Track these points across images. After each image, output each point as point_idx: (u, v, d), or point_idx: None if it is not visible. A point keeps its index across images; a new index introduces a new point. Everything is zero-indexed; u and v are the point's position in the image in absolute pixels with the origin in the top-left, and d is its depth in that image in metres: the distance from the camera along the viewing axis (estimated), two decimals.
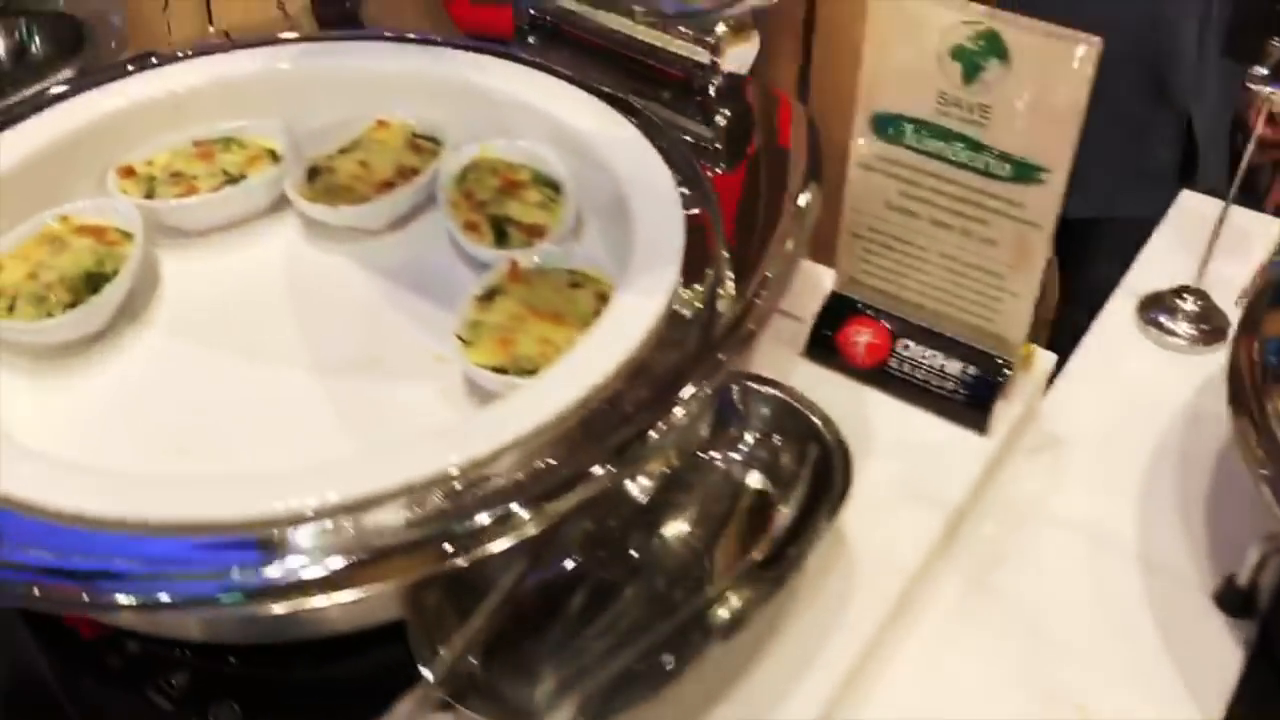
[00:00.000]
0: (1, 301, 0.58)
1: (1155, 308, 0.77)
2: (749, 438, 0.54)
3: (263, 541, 0.44)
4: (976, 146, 0.57)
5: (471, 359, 0.55)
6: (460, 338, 0.56)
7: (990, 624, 0.60)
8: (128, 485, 0.47)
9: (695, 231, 0.57)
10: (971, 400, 0.62)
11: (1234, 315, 0.77)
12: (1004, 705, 0.56)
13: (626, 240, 0.59)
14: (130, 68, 0.69)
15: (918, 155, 0.59)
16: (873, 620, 0.55)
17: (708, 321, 0.53)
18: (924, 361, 0.63)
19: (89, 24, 0.81)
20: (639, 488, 0.52)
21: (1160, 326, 0.76)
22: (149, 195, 0.65)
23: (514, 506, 0.44)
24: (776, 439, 0.54)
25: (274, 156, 0.68)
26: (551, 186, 0.65)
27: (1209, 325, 0.76)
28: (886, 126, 0.59)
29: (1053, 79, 0.54)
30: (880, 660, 0.56)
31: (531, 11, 0.73)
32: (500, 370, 0.54)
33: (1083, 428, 0.70)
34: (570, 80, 0.68)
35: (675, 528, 0.52)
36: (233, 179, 0.66)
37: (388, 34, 0.72)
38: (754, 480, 0.54)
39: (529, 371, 0.54)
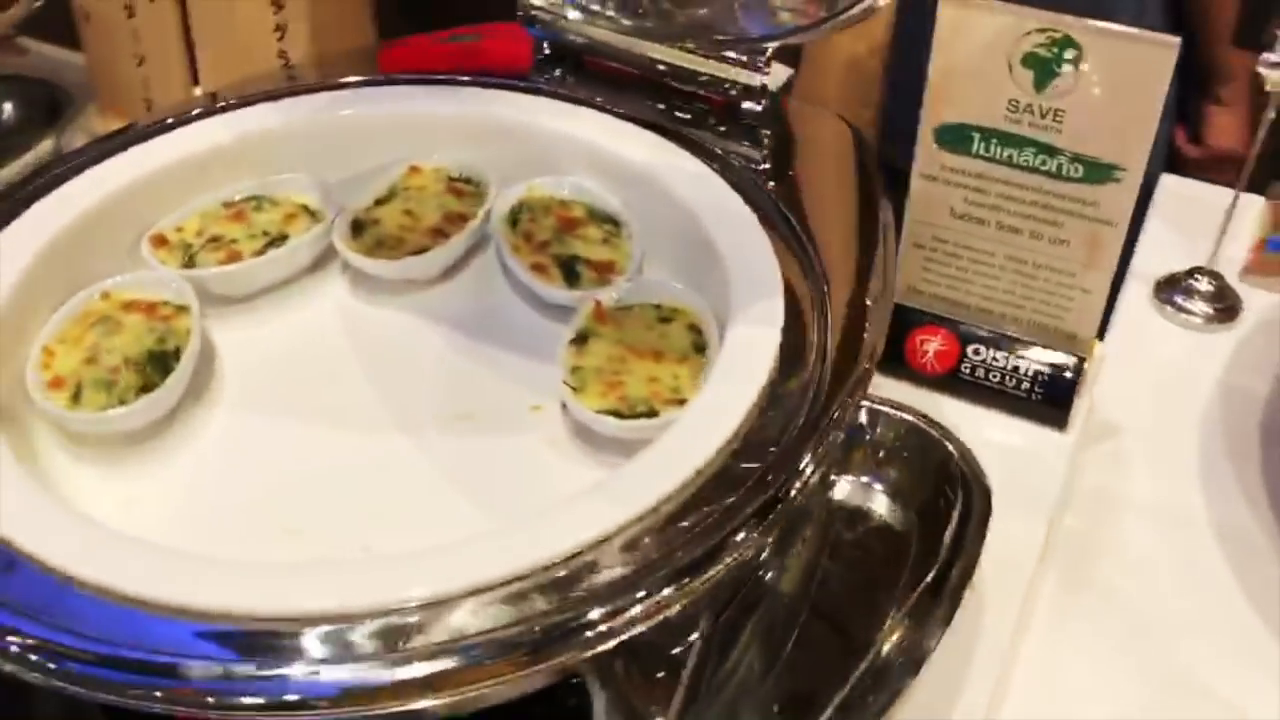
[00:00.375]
0: (63, 391, 0.54)
1: (1171, 289, 0.80)
2: (874, 460, 0.54)
3: (415, 626, 0.42)
4: (1049, 150, 0.58)
5: (586, 405, 0.53)
6: (569, 385, 0.54)
7: (1095, 617, 0.61)
8: (262, 575, 0.45)
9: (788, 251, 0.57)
10: (1050, 398, 0.63)
11: (1243, 292, 0.81)
12: (1131, 697, 0.57)
13: (707, 269, 0.58)
14: (144, 131, 0.65)
15: (985, 163, 0.60)
16: (1006, 629, 0.55)
17: (823, 348, 0.52)
18: (996, 364, 0.64)
19: (62, 89, 0.77)
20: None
21: (1177, 307, 0.79)
22: (189, 264, 0.62)
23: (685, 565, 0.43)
24: (902, 460, 0.54)
25: (309, 212, 0.65)
26: (610, 222, 0.64)
27: (1223, 304, 0.79)
28: (953, 137, 0.60)
29: (1129, 80, 0.55)
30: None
31: (549, 43, 0.71)
32: (615, 414, 0.53)
33: (1130, 412, 0.72)
34: (608, 111, 0.67)
35: (820, 561, 0.51)
36: (274, 239, 0.63)
37: (410, 77, 0.70)
38: (882, 505, 0.54)
39: (647, 414, 0.53)
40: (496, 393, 0.58)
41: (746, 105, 0.66)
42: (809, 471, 0.46)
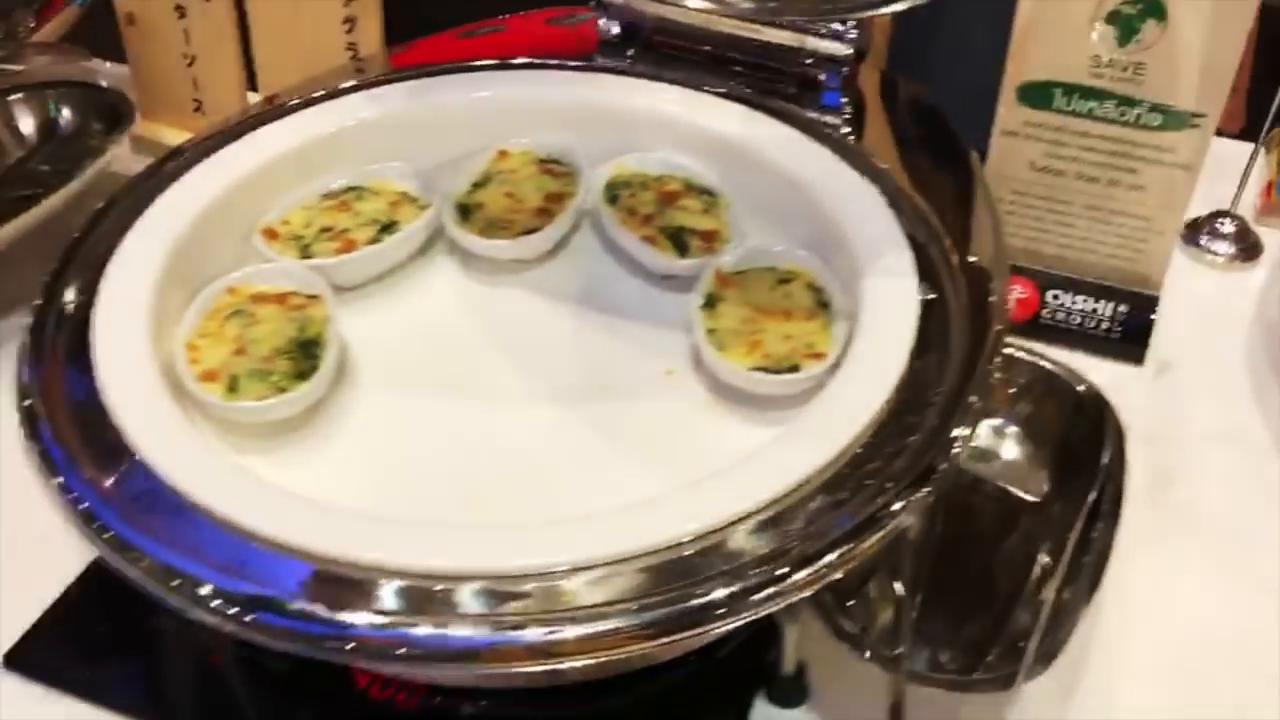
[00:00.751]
0: (218, 384, 0.55)
1: (1197, 232, 0.84)
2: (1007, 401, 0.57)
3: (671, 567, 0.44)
4: (1129, 102, 0.62)
5: (736, 363, 0.56)
6: (714, 346, 0.56)
7: (1188, 535, 0.65)
8: (470, 537, 0.46)
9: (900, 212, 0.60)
10: (1127, 336, 0.67)
11: (1263, 234, 0.86)
12: (1237, 603, 0.62)
13: (819, 231, 0.61)
14: (238, 129, 0.66)
15: (1066, 117, 0.64)
16: (1120, 551, 0.59)
17: (953, 297, 0.55)
18: (1076, 307, 0.68)
19: (120, 94, 0.76)
20: None
21: (1203, 249, 0.84)
22: (306, 254, 0.62)
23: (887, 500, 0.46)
24: (1034, 400, 0.57)
25: (410, 199, 0.66)
26: (706, 193, 0.66)
27: (1245, 244, 0.84)
28: (1035, 94, 0.64)
29: (1211, 32, 0.59)
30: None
31: (618, 23, 0.73)
32: (765, 370, 0.55)
33: (1179, 347, 0.77)
34: (688, 86, 0.69)
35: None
36: (386, 227, 0.64)
37: (491, 63, 0.71)
38: (1016, 443, 0.57)
39: (790, 369, 0.56)
40: (628, 361, 0.60)
41: (826, 75, 0.68)
42: (974, 417, 0.49)
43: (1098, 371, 0.68)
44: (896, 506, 0.45)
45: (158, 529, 0.46)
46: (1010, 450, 0.58)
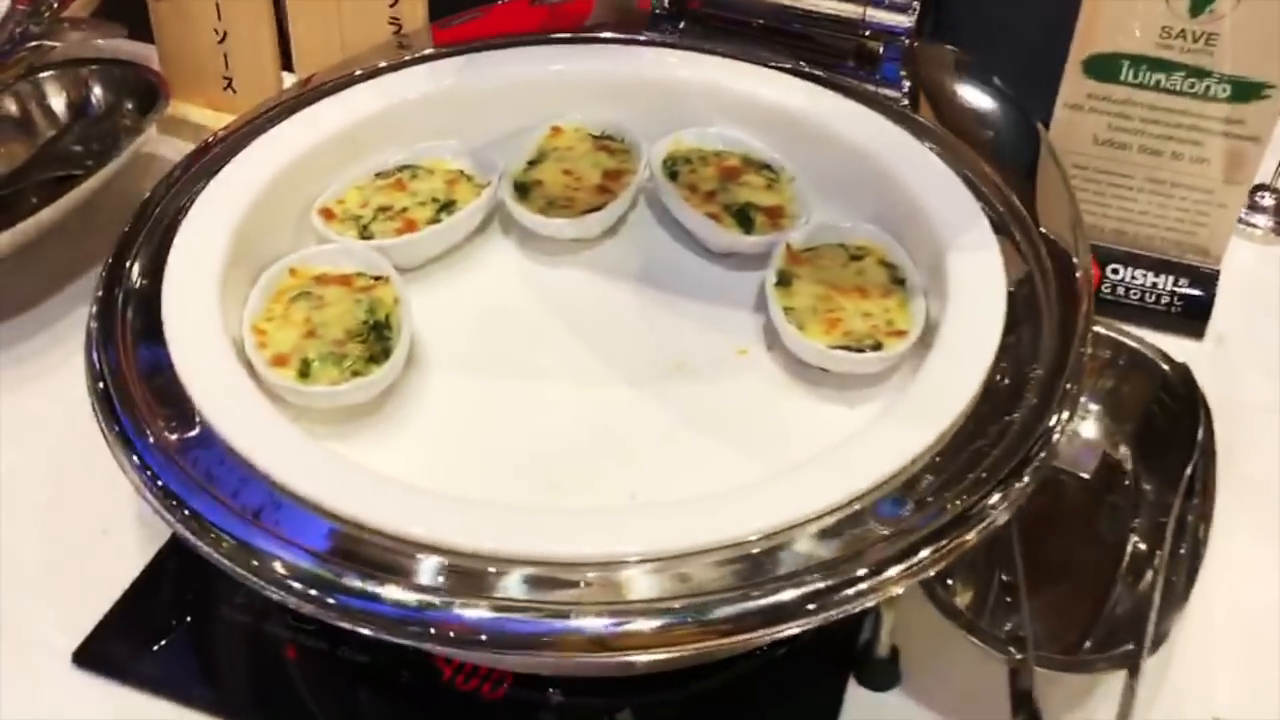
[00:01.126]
0: (289, 368, 0.53)
1: None
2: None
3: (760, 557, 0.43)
4: (1198, 73, 0.61)
5: (817, 342, 0.55)
6: (793, 325, 0.55)
7: (1256, 508, 0.65)
8: (573, 522, 0.45)
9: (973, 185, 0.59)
10: (1188, 310, 0.67)
11: None
12: None
13: (888, 205, 0.60)
14: (290, 105, 0.64)
15: (1132, 89, 0.63)
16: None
17: (1038, 272, 0.55)
18: (1135, 282, 0.67)
19: (153, 72, 0.74)
20: None
21: (1243, 221, 0.83)
22: (365, 234, 0.61)
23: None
24: (1117, 383, 0.57)
25: (466, 178, 0.65)
26: (766, 168, 0.65)
27: None
28: (1101, 66, 0.63)
29: None
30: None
31: None
32: (845, 349, 0.55)
33: (1231, 317, 0.76)
34: (743, 59, 0.68)
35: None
36: (445, 206, 0.63)
37: (538, 37, 0.69)
38: (1095, 427, 0.56)
39: (873, 347, 0.55)
40: (699, 340, 0.59)
41: (884, 47, 0.67)
42: (1072, 400, 0.48)
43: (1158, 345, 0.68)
44: (996, 499, 0.45)
45: (238, 509, 0.45)
46: (1090, 428, 0.58)
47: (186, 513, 0.45)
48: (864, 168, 0.62)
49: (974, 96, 0.67)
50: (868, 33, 0.67)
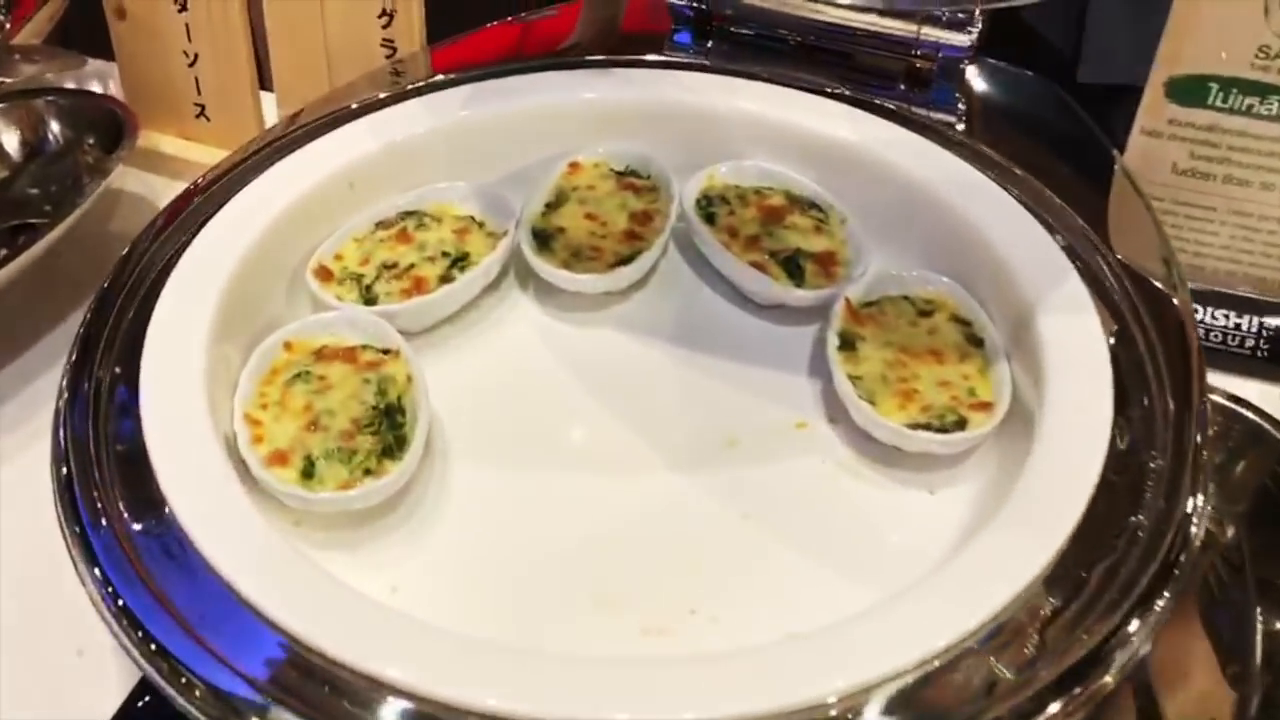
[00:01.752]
0: (291, 468, 0.46)
1: None
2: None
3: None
4: None
5: (893, 420, 0.48)
6: (864, 399, 0.49)
7: None
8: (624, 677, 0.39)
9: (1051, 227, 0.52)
10: (1276, 354, 0.61)
11: None
12: None
13: (956, 251, 0.54)
14: (276, 150, 0.56)
15: (1220, 114, 0.57)
16: None
17: (1137, 331, 0.48)
18: (1216, 323, 0.61)
19: (113, 100, 0.66)
20: None
21: None
22: (369, 297, 0.54)
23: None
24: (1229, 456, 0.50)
25: (477, 225, 0.58)
26: (813, 207, 0.59)
27: None
28: (1186, 89, 0.56)
29: None
30: None
31: (693, 8, 0.64)
32: (926, 428, 0.48)
33: None
34: (780, 83, 0.61)
35: None
36: (456, 260, 0.55)
37: (549, 62, 0.62)
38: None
39: (958, 422, 0.48)
40: (749, 411, 0.52)
41: (938, 67, 0.61)
42: (1203, 485, 0.42)
43: (1241, 393, 0.62)
44: (1135, 627, 0.38)
45: (228, 654, 0.38)
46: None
47: (152, 647, 0.38)
48: (926, 207, 0.55)
49: (1038, 121, 0.61)
50: (918, 52, 0.61)
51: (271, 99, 0.71)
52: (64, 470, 0.43)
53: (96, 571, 0.40)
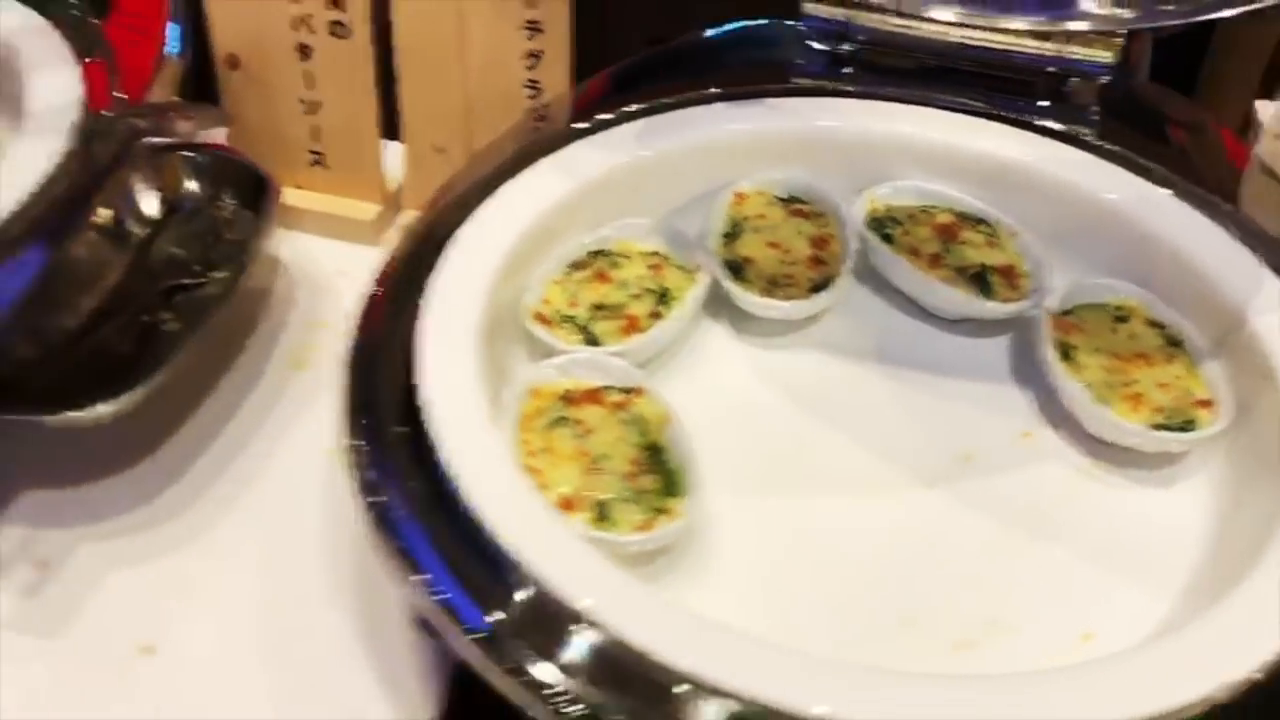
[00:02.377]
0: (584, 513, 0.46)
1: None
2: None
3: None
4: None
5: (1134, 422, 0.51)
6: (1099, 403, 0.51)
7: None
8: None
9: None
10: None
11: None
12: None
13: (1135, 258, 0.57)
14: (465, 197, 0.56)
15: None
16: None
17: None
18: None
19: (246, 160, 0.64)
20: None
21: None
22: (590, 338, 0.54)
23: None
24: None
25: (664, 259, 0.58)
26: (980, 222, 0.61)
27: None
28: None
29: None
30: None
31: (835, 40, 0.66)
32: (1164, 428, 0.51)
33: None
34: (917, 103, 0.63)
35: None
36: (661, 296, 0.56)
37: (704, 95, 0.63)
38: None
39: (1188, 422, 0.51)
40: (972, 425, 0.54)
41: (1081, 85, 0.63)
42: None
43: None
44: None
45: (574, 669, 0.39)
46: None
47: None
48: (1097, 217, 0.58)
49: (1181, 139, 0.64)
50: (1060, 70, 0.64)
51: (394, 146, 0.71)
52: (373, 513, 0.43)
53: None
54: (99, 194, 0.56)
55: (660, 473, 0.48)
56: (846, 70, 0.66)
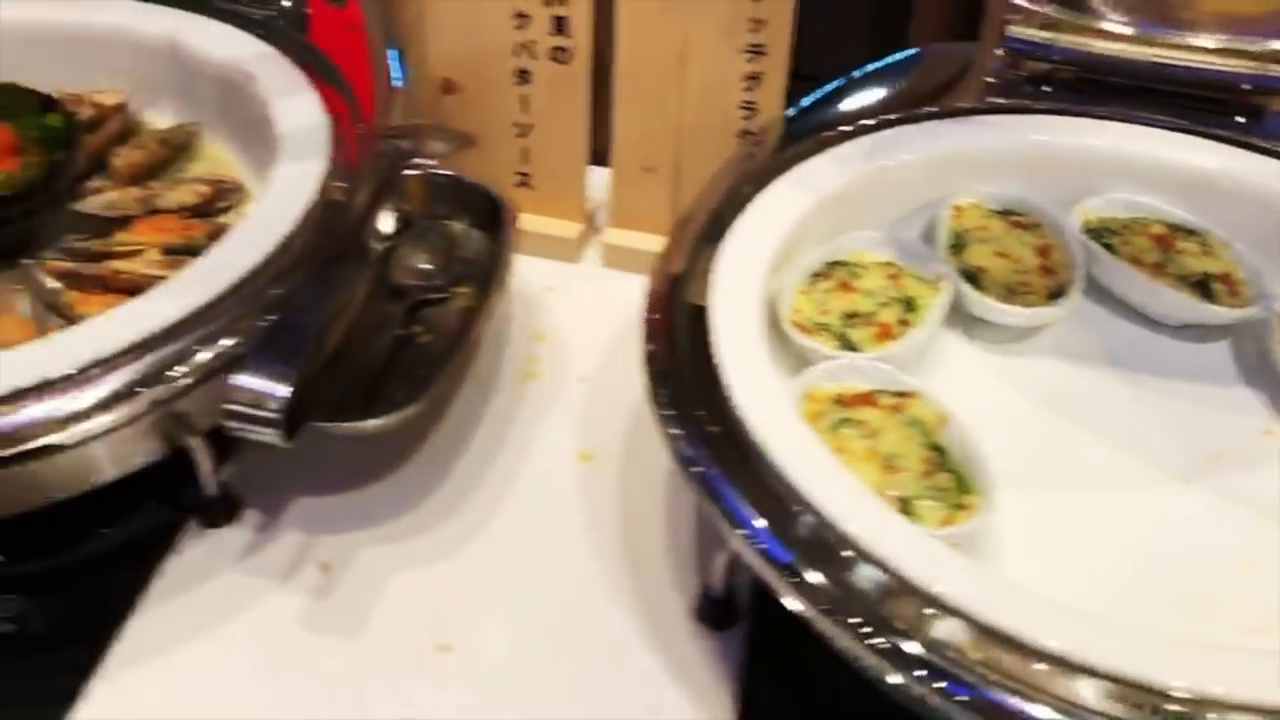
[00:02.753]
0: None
1: None
2: None
3: None
4: None
5: None
6: None
7: None
8: None
9: None
10: None
11: None
12: None
13: None
14: (712, 220, 0.59)
15: None
16: None
17: None
18: None
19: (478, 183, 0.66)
20: None
21: None
22: (851, 345, 0.56)
23: None
24: None
25: (899, 269, 0.61)
26: (1190, 234, 0.63)
27: None
28: None
29: None
30: None
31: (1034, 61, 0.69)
32: None
33: None
34: (1119, 120, 0.66)
35: None
36: (907, 304, 0.59)
37: (916, 114, 0.66)
38: None
39: None
40: (1219, 425, 0.57)
41: (1273, 101, 0.66)
42: None
43: None
44: None
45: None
46: None
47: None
48: None
49: None
50: (1257, 87, 0.66)
51: (599, 170, 0.74)
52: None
53: None
54: (374, 217, 0.58)
55: (949, 470, 0.50)
56: (1046, 89, 0.69)
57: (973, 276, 0.61)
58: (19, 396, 0.48)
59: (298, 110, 0.64)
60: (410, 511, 0.59)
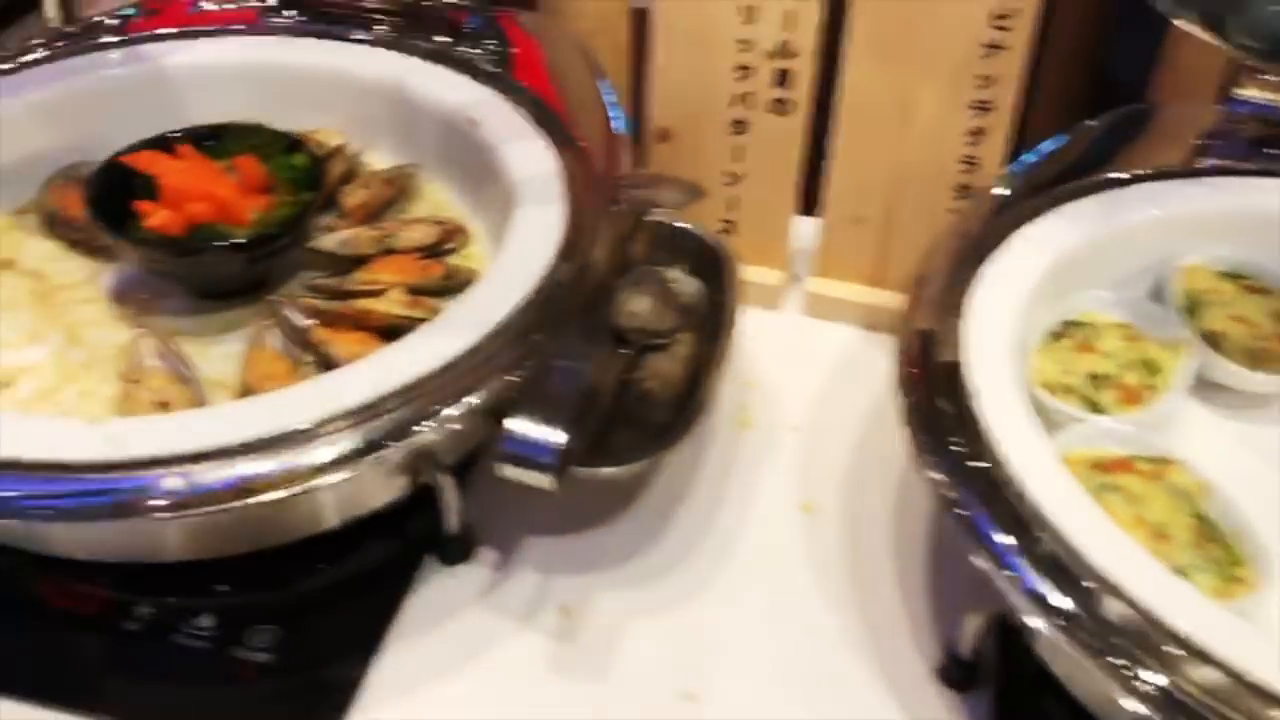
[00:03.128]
0: None
1: None
2: None
3: None
4: None
5: None
6: None
7: None
8: None
9: None
10: None
11: None
12: None
13: None
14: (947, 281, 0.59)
15: None
16: None
17: None
18: None
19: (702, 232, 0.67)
20: None
21: None
22: (1098, 408, 0.56)
23: None
24: None
25: (1132, 332, 0.60)
26: None
27: None
28: None
29: None
30: None
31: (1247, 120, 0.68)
32: None
33: None
34: None
35: None
36: (1150, 368, 0.58)
37: (1145, 173, 0.65)
38: None
39: None
40: None
41: None
42: None
43: None
44: None
45: None
46: None
47: None
48: None
49: None
50: None
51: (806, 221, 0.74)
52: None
53: None
54: (617, 266, 0.59)
55: (1218, 541, 0.50)
56: (1269, 150, 0.68)
57: (1212, 341, 0.60)
58: (313, 432, 0.49)
59: (528, 156, 0.66)
60: (640, 557, 0.59)
